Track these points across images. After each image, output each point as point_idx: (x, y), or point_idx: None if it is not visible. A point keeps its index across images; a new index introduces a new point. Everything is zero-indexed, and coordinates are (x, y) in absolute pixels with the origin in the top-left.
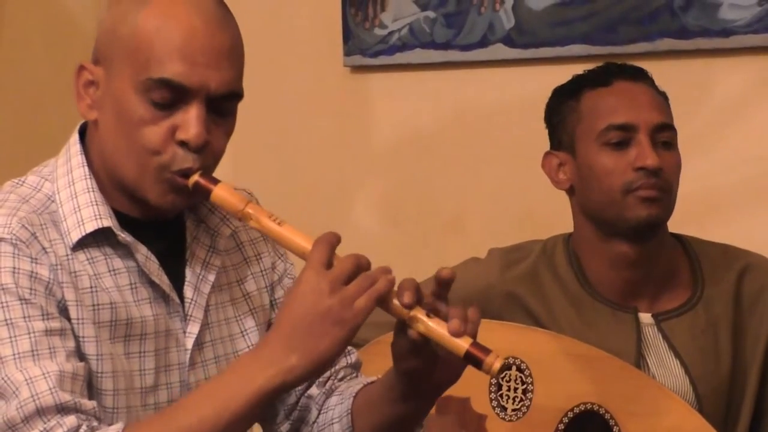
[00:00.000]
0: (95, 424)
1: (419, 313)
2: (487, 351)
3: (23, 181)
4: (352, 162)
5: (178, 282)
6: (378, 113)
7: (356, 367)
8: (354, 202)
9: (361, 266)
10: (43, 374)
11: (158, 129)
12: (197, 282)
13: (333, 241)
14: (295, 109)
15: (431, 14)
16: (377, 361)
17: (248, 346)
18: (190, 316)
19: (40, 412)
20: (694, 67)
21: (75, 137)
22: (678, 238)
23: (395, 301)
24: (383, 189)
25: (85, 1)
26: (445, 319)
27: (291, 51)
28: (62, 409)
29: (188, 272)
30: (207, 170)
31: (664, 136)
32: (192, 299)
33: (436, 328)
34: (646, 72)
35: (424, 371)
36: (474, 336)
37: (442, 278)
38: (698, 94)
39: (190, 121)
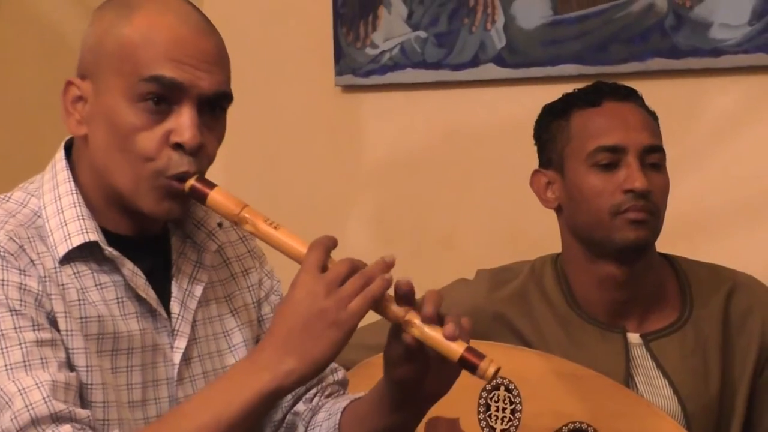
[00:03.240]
0: None
1: (414, 317)
2: (481, 356)
3: (9, 197)
4: (343, 181)
5: (165, 297)
6: (369, 132)
7: (343, 384)
8: (346, 220)
9: (356, 269)
10: (36, 384)
11: (152, 135)
12: (183, 297)
13: (328, 244)
14: (287, 129)
15: (422, 34)
16: (365, 383)
17: (236, 361)
18: (177, 330)
19: (35, 422)
20: (685, 86)
21: (61, 153)
22: (666, 257)
23: (390, 305)
24: (375, 208)
25: (76, 21)
26: (439, 324)
27: (282, 70)
28: (57, 419)
29: (174, 287)
30: (202, 175)
31: (653, 157)
32: (179, 314)
33: (430, 332)
34: (636, 92)
35: (415, 379)
36: (468, 343)
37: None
38: (689, 113)
39: (184, 123)
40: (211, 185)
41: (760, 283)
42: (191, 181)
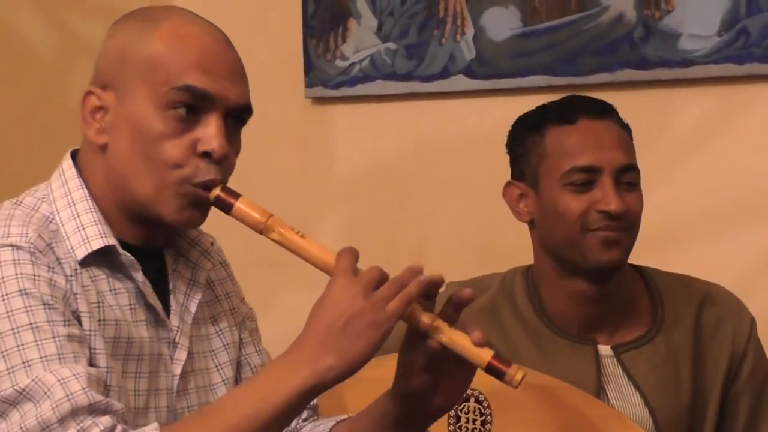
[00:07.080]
0: (125, 426)
1: (442, 324)
2: (509, 362)
3: (21, 201)
4: (313, 193)
5: (165, 310)
6: (339, 144)
7: (314, 409)
8: (316, 233)
9: (385, 275)
10: (74, 375)
11: (179, 142)
12: (181, 311)
13: (356, 252)
14: (257, 141)
15: (392, 46)
16: (347, 394)
17: (222, 380)
18: (178, 343)
19: (75, 412)
20: (654, 97)
21: (69, 162)
22: (637, 269)
23: (418, 312)
24: (345, 220)
25: (47, 36)
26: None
27: (252, 82)
28: (96, 410)
29: (173, 302)
30: (226, 184)
31: (628, 177)
32: (178, 327)
33: (459, 338)
34: (611, 107)
35: (428, 391)
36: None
37: (462, 298)
38: (658, 124)
39: (212, 132)
40: (237, 195)
41: (731, 294)
42: (216, 191)
